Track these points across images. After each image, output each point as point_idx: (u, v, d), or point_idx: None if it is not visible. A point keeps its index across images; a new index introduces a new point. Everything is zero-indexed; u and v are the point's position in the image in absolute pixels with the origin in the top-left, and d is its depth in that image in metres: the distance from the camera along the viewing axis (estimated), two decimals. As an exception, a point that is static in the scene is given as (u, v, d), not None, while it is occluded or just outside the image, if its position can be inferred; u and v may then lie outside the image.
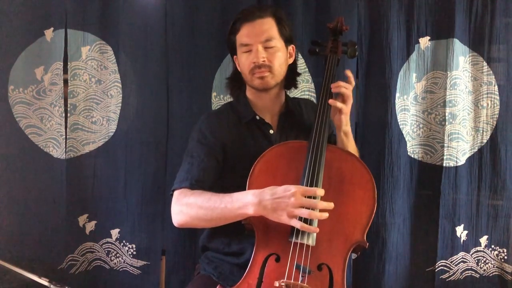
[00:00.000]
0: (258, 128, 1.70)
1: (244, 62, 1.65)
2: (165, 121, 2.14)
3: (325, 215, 1.36)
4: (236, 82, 1.79)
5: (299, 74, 1.82)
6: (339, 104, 1.58)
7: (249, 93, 1.75)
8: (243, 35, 1.64)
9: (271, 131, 1.70)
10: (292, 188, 1.34)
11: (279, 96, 1.75)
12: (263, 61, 1.61)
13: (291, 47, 1.72)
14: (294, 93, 2.03)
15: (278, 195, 1.35)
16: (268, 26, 1.63)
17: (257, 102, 1.74)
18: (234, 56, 1.73)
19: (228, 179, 1.65)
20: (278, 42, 1.64)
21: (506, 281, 2.21)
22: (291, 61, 1.73)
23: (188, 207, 1.50)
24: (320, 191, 1.37)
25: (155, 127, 2.14)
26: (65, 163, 2.08)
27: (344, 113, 1.59)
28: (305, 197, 1.34)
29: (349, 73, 1.64)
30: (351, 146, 1.68)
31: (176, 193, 1.57)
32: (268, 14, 1.64)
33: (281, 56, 1.65)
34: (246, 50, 1.64)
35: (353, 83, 1.63)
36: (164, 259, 2.18)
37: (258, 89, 1.68)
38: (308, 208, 1.33)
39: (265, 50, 1.62)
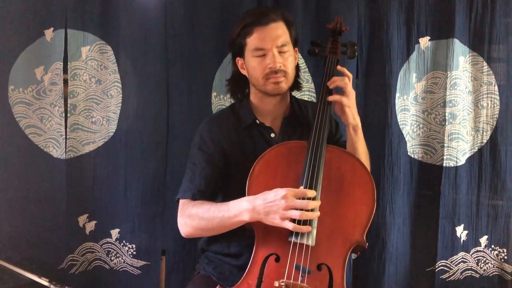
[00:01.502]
0: (258, 132, 1.70)
1: (256, 66, 1.62)
2: (165, 121, 2.14)
3: (317, 213, 1.39)
4: (237, 84, 1.77)
5: (300, 77, 1.81)
6: (337, 97, 1.57)
7: (253, 96, 1.74)
8: (257, 38, 1.60)
9: (272, 135, 1.70)
10: (282, 191, 1.36)
11: (284, 99, 1.74)
12: (280, 66, 1.59)
13: (295, 49, 1.70)
14: (293, 94, 2.03)
15: (269, 199, 1.37)
16: (282, 30, 1.61)
17: (260, 106, 1.72)
18: (237, 58, 1.70)
19: (230, 184, 1.66)
20: (290, 47, 1.63)
21: (506, 281, 2.22)
22: (296, 63, 1.72)
23: (191, 219, 1.56)
24: (310, 192, 1.38)
25: (155, 127, 2.14)
26: (65, 163, 2.08)
27: (347, 106, 1.56)
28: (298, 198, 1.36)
29: (339, 68, 1.64)
30: (361, 143, 1.65)
31: (180, 203, 1.62)
32: (280, 18, 1.62)
33: (292, 61, 1.64)
34: (260, 54, 1.60)
35: (349, 75, 1.61)
36: (164, 259, 2.18)
37: (270, 94, 1.66)
38: (301, 209, 1.35)
39: (280, 55, 1.59)
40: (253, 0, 2.13)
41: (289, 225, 1.36)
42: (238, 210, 1.43)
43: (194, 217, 1.54)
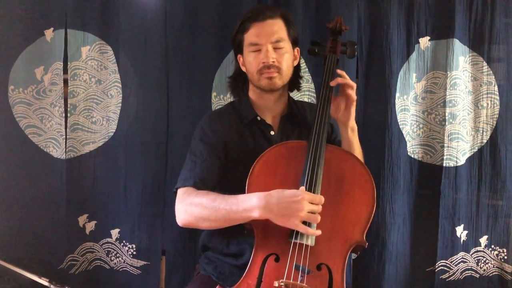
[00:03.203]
0: (258, 129, 1.70)
1: (251, 61, 1.64)
2: (165, 121, 2.14)
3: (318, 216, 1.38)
4: (238, 81, 1.78)
5: (301, 77, 1.82)
6: (351, 92, 1.58)
7: (252, 93, 1.75)
8: (253, 34, 1.62)
9: (272, 132, 1.70)
10: (300, 194, 1.35)
11: (282, 98, 1.75)
12: (273, 61, 1.60)
13: (296, 50, 1.71)
14: (293, 94, 2.03)
15: (286, 200, 1.35)
16: (278, 27, 1.63)
17: (260, 103, 1.73)
18: (238, 55, 1.72)
19: (228, 179, 1.65)
20: (286, 44, 1.64)
21: (506, 281, 2.21)
22: (295, 63, 1.72)
23: (193, 206, 1.50)
24: (322, 199, 1.38)
25: (155, 127, 2.14)
26: (65, 163, 2.08)
27: (353, 103, 1.60)
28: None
29: (339, 72, 1.63)
30: (357, 144, 1.67)
31: (179, 192, 1.57)
32: (278, 15, 1.64)
33: (288, 58, 1.65)
34: (255, 49, 1.62)
35: (348, 78, 1.62)
36: (164, 259, 2.18)
37: (264, 90, 1.67)
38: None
39: (275, 50, 1.61)
40: (253, 1, 2.13)
41: (302, 229, 1.35)
42: (249, 205, 1.39)
43: (197, 205, 1.48)
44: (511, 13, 2.14)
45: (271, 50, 1.60)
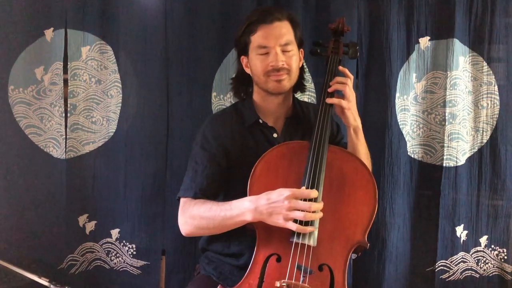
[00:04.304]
0: (261, 132, 1.70)
1: (259, 64, 1.62)
2: (165, 121, 2.14)
3: (320, 215, 1.38)
4: (242, 82, 1.78)
5: (305, 78, 1.81)
6: (336, 100, 1.57)
7: (256, 96, 1.74)
8: (261, 36, 1.60)
9: (275, 135, 1.69)
10: (286, 192, 1.36)
11: (287, 100, 1.74)
12: (282, 64, 1.59)
13: (300, 51, 1.71)
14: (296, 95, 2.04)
15: (272, 200, 1.37)
16: (286, 29, 1.62)
17: (263, 105, 1.72)
18: (242, 57, 1.71)
19: (232, 183, 1.66)
20: (294, 46, 1.63)
21: (506, 281, 2.22)
22: (300, 64, 1.72)
23: (192, 218, 1.55)
24: (314, 193, 1.38)
25: (155, 127, 2.14)
26: (65, 163, 2.08)
27: (346, 108, 1.57)
28: (300, 199, 1.36)
29: (341, 69, 1.65)
30: (362, 145, 1.66)
31: (181, 201, 1.61)
32: (285, 18, 1.62)
33: (296, 60, 1.65)
34: (263, 52, 1.61)
35: (350, 76, 1.62)
36: (164, 259, 2.18)
37: (271, 93, 1.66)
38: (303, 210, 1.35)
39: (283, 53, 1.60)
40: (253, 1, 2.13)
41: (293, 226, 1.35)
42: (241, 209, 1.43)
43: (195, 216, 1.53)
44: (511, 13, 2.15)
45: (280, 53, 1.59)
